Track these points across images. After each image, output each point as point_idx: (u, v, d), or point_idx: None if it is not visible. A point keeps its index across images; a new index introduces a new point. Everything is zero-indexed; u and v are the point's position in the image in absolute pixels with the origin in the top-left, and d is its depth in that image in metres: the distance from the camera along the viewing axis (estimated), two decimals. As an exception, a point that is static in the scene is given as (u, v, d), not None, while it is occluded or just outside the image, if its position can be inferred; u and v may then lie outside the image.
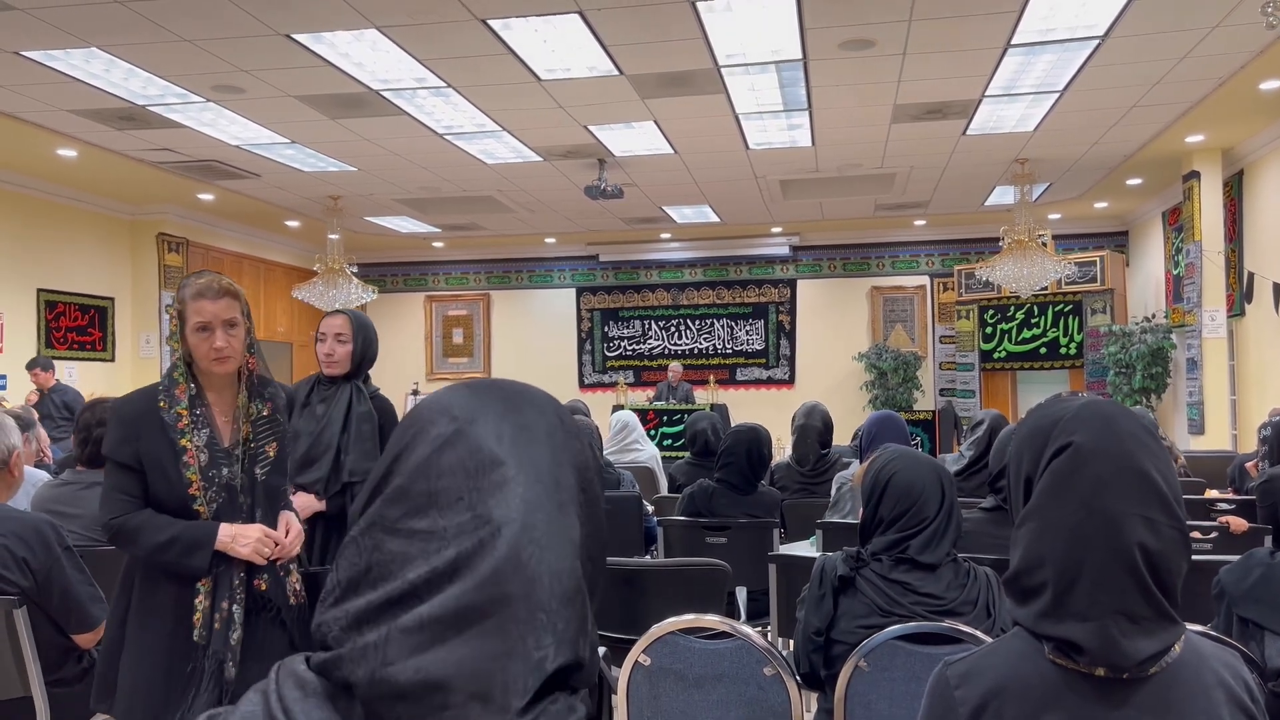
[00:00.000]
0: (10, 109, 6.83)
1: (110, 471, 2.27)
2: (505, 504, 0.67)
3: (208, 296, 2.28)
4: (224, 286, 2.30)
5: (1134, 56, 6.07)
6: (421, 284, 13.81)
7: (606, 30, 5.48)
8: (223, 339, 2.26)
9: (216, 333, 2.26)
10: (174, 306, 2.30)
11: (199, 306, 2.26)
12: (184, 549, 2.19)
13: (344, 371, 3.14)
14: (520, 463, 0.69)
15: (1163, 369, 9.52)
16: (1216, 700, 1.21)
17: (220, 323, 2.26)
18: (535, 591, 0.65)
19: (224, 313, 2.27)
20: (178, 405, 2.26)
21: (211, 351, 2.26)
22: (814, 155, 8.42)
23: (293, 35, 5.50)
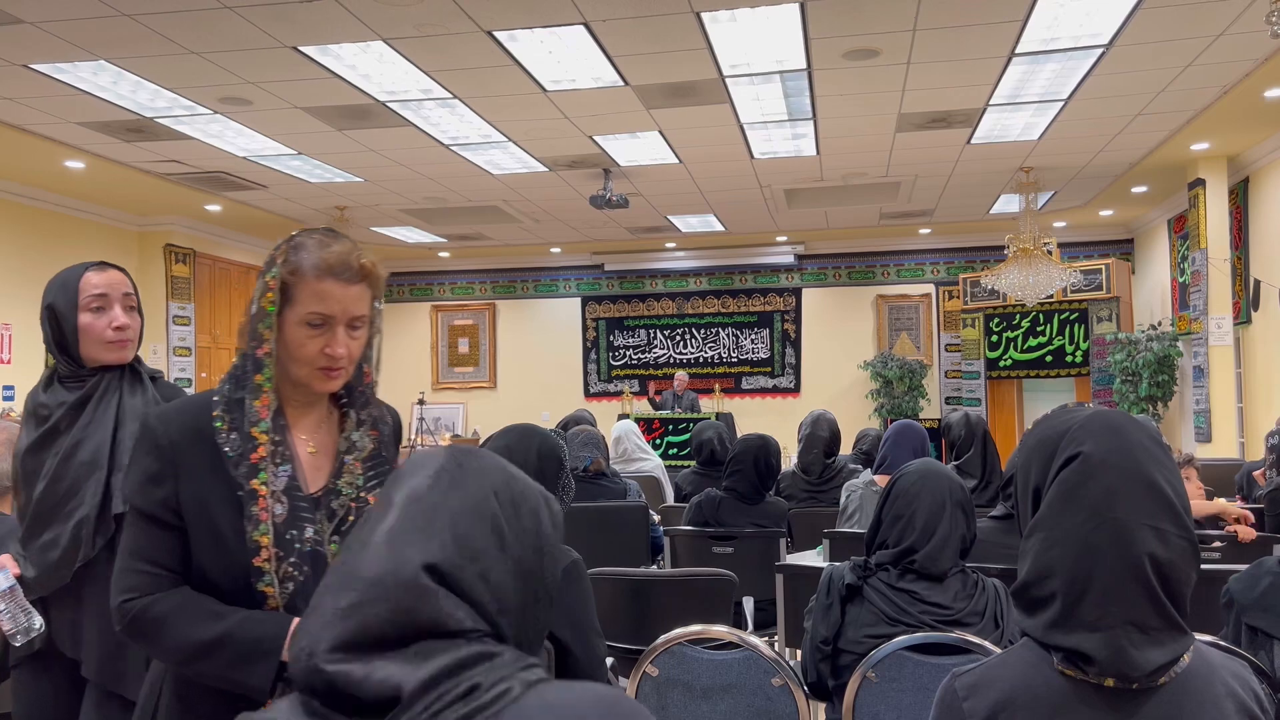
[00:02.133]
0: (19, 121, 6.87)
1: (130, 525, 1.50)
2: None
3: (340, 276, 1.52)
4: (363, 266, 1.55)
5: (1138, 65, 6.07)
6: (427, 294, 13.84)
7: (611, 41, 5.50)
8: (344, 343, 1.53)
9: (339, 332, 1.52)
10: (274, 274, 1.52)
11: (324, 289, 1.51)
12: (237, 656, 1.40)
13: (130, 356, 2.19)
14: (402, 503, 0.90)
15: (1169, 377, 9.50)
16: (1226, 710, 1.21)
17: (347, 319, 1.53)
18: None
19: (355, 305, 1.54)
20: (252, 426, 1.51)
21: (323, 358, 1.52)
22: (819, 164, 8.43)
23: (299, 47, 5.52)
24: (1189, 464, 4.23)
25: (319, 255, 1.53)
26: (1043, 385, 11.01)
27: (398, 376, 13.62)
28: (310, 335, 1.52)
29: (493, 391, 13.45)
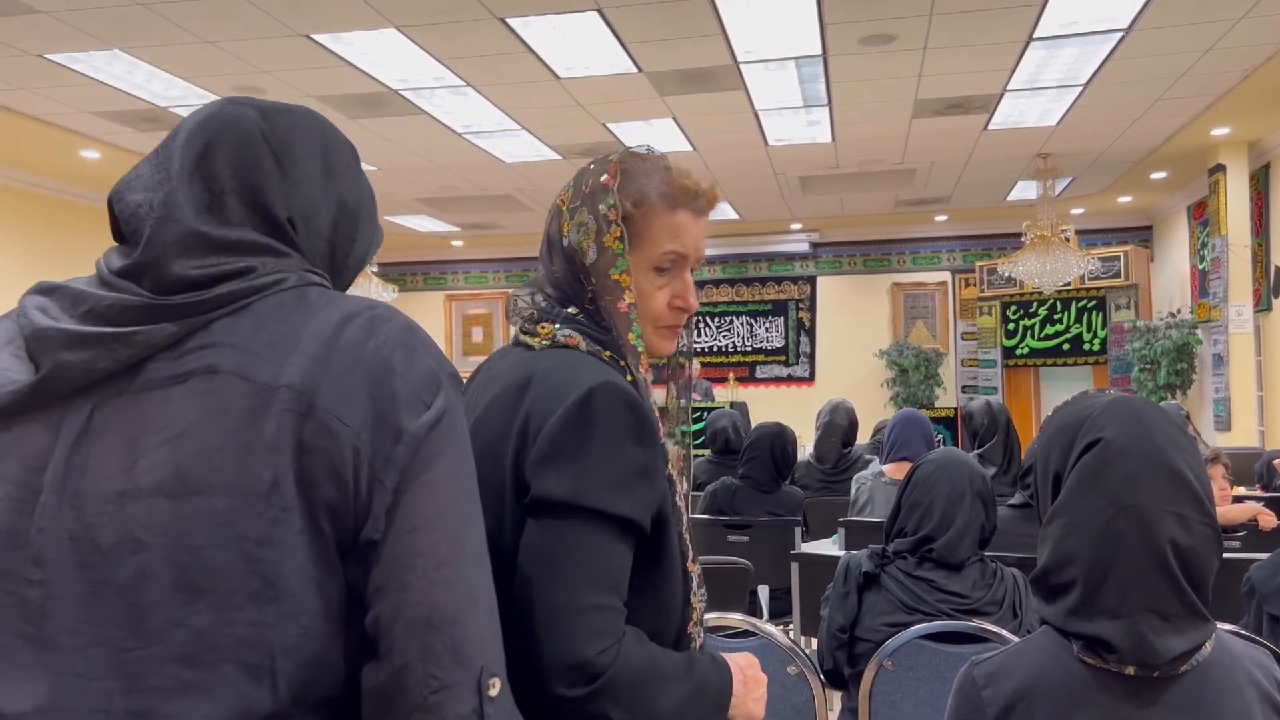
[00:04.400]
0: (34, 111, 6.90)
1: (587, 539, 1.11)
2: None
3: (693, 205, 1.30)
4: (712, 192, 1.35)
5: (1158, 49, 6.00)
6: (441, 283, 13.86)
7: (625, 27, 5.47)
8: (693, 293, 1.32)
9: (688, 277, 1.31)
10: (611, 204, 1.25)
11: (677, 223, 1.28)
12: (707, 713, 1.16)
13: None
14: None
15: (1188, 365, 9.42)
16: (1249, 699, 1.20)
17: (697, 260, 1.32)
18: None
19: (703, 242, 1.33)
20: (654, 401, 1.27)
21: (671, 312, 1.30)
22: (834, 151, 8.38)
23: (312, 35, 5.52)
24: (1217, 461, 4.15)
25: (666, 180, 1.29)
26: (1060, 373, 10.94)
27: (412, 365, 13.65)
28: (658, 283, 1.27)
29: (507, 380, 13.47)
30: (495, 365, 1.34)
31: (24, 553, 0.85)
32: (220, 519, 0.85)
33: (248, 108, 1.02)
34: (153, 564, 0.85)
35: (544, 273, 1.34)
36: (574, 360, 1.21)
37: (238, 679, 0.85)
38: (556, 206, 1.33)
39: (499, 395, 1.22)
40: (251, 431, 0.86)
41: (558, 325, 1.26)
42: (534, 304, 1.33)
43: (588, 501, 1.09)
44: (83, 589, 0.85)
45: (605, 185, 1.28)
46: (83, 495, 0.86)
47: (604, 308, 1.26)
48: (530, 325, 1.30)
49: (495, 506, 1.13)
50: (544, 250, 1.35)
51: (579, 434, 1.12)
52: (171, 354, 0.88)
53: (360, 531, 0.88)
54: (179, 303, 0.90)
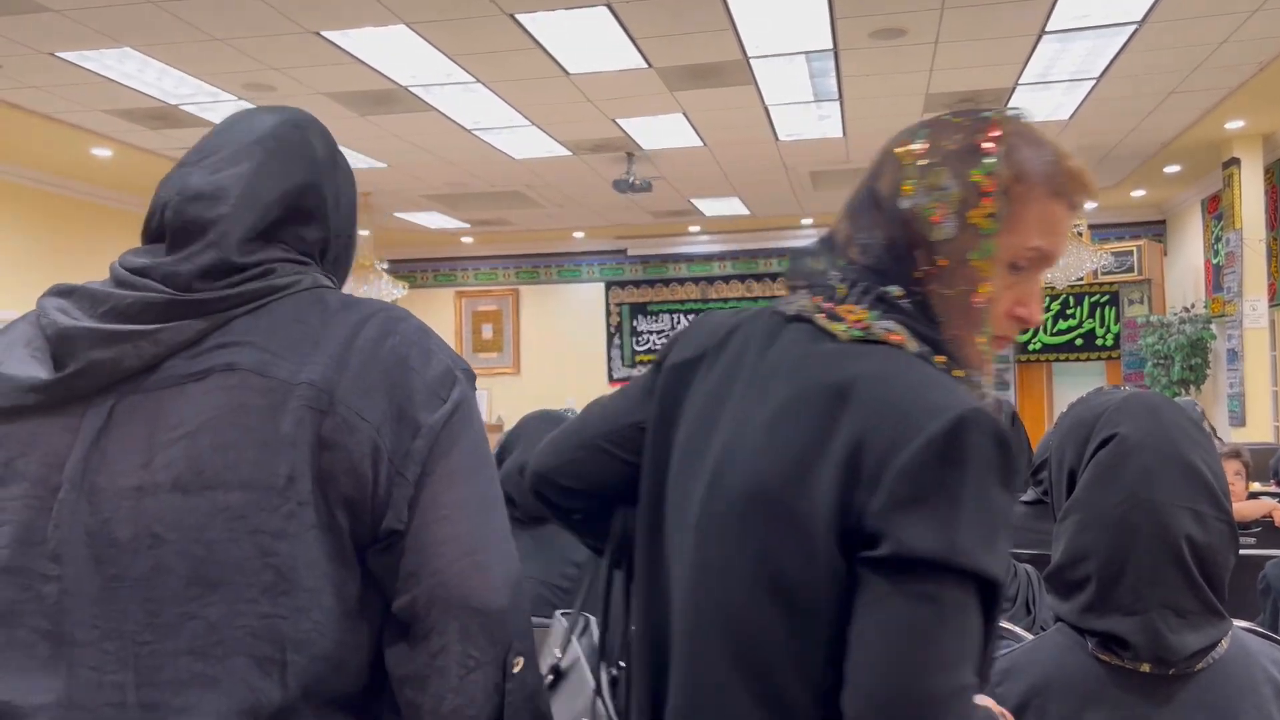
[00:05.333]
0: (45, 110, 6.93)
1: (966, 610, 0.89)
2: None
3: (1074, 198, 1.08)
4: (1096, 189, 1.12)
5: (1172, 42, 5.96)
6: (451, 279, 13.87)
7: (635, 22, 5.46)
8: (1040, 302, 1.07)
9: (1039, 281, 1.07)
10: (989, 168, 1.00)
11: (1053, 214, 1.05)
12: None
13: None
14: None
15: (1202, 360, 9.36)
16: (1265, 696, 1.18)
17: (1052, 264, 1.09)
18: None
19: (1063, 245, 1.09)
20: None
21: (1012, 322, 1.04)
22: (845, 146, 8.36)
23: (322, 32, 5.53)
24: (1233, 457, 4.10)
25: (1055, 158, 1.06)
26: (1072, 369, 10.89)
27: (423, 362, 13.68)
28: (1007, 281, 1.02)
29: (516, 377, 13.48)
30: (758, 339, 1.06)
31: (41, 549, 0.87)
32: (235, 513, 0.86)
33: (314, 134, 1.06)
34: (168, 558, 0.86)
35: (846, 233, 1.08)
36: (912, 369, 0.96)
37: (248, 672, 0.86)
38: (893, 157, 1.09)
39: (795, 397, 0.96)
40: (269, 427, 0.88)
41: (874, 312, 1.00)
42: (835, 272, 1.05)
43: (962, 561, 0.86)
44: (99, 584, 0.86)
45: (983, 147, 1.03)
46: (100, 491, 0.87)
47: (944, 297, 1.01)
48: (827, 302, 1.02)
49: (798, 542, 0.91)
50: (858, 205, 1.10)
51: (949, 476, 0.88)
52: (191, 352, 0.91)
53: (380, 524, 0.90)
54: (202, 299, 0.91)
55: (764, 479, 0.95)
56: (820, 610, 0.91)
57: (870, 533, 0.88)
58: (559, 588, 2.25)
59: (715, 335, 1.11)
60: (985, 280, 1.00)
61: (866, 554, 0.88)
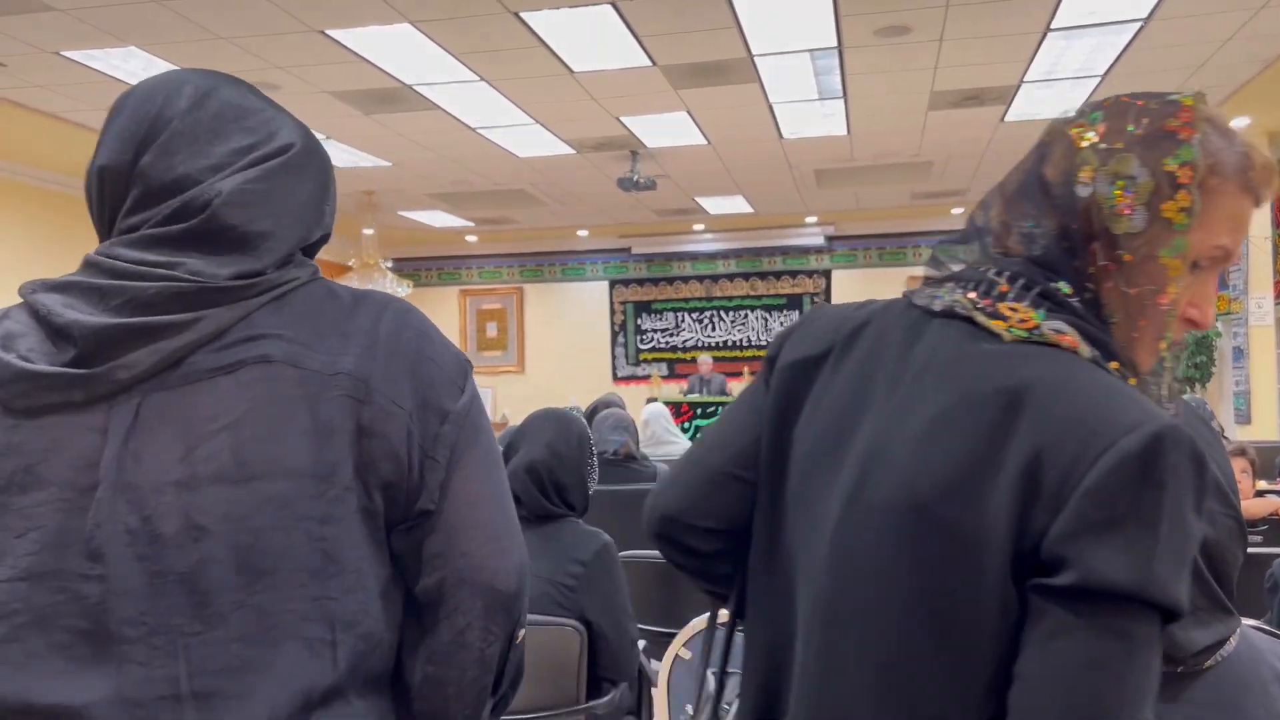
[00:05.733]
0: (51, 109, 6.94)
1: (1154, 645, 0.84)
2: None
3: (1259, 193, 0.98)
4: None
5: (1177, 39, 5.95)
6: (455, 278, 13.88)
7: (639, 20, 5.46)
8: (1214, 305, 1.01)
9: (1214, 284, 1.00)
10: (1187, 157, 0.91)
11: (1242, 211, 0.97)
12: None
13: None
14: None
15: (1207, 358, 9.34)
16: (1273, 694, 1.18)
17: (1230, 265, 1.07)
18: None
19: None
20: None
21: (1178, 324, 0.95)
22: (849, 144, 8.35)
23: (327, 31, 5.53)
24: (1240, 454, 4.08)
25: (1247, 152, 0.96)
26: (1077, 367, 10.86)
27: (427, 360, 13.70)
28: (1186, 281, 0.93)
29: (521, 375, 13.48)
30: (898, 336, 0.98)
31: (77, 550, 0.87)
32: (282, 501, 0.88)
33: (308, 133, 1.08)
34: (215, 549, 0.87)
35: (1002, 221, 0.99)
36: (1093, 376, 0.87)
37: (300, 655, 0.88)
38: (1065, 138, 0.99)
39: (957, 402, 0.88)
40: (310, 417, 0.90)
41: (1039, 311, 0.91)
42: (991, 265, 0.96)
43: (1157, 595, 0.79)
44: (144, 579, 0.87)
45: (1179, 134, 0.93)
46: (137, 488, 0.87)
47: (1123, 296, 0.93)
48: (984, 297, 0.94)
49: (960, 561, 0.84)
50: (1019, 191, 1.00)
51: (1146, 498, 0.80)
52: (216, 345, 0.91)
53: (414, 505, 0.94)
54: (230, 287, 0.92)
55: (920, 489, 0.87)
56: (981, 634, 0.84)
57: (1050, 558, 0.81)
58: (564, 585, 2.25)
59: (839, 331, 1.04)
60: (1173, 280, 0.91)
61: (1044, 581, 0.81)
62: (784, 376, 1.07)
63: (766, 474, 1.06)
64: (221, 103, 1.04)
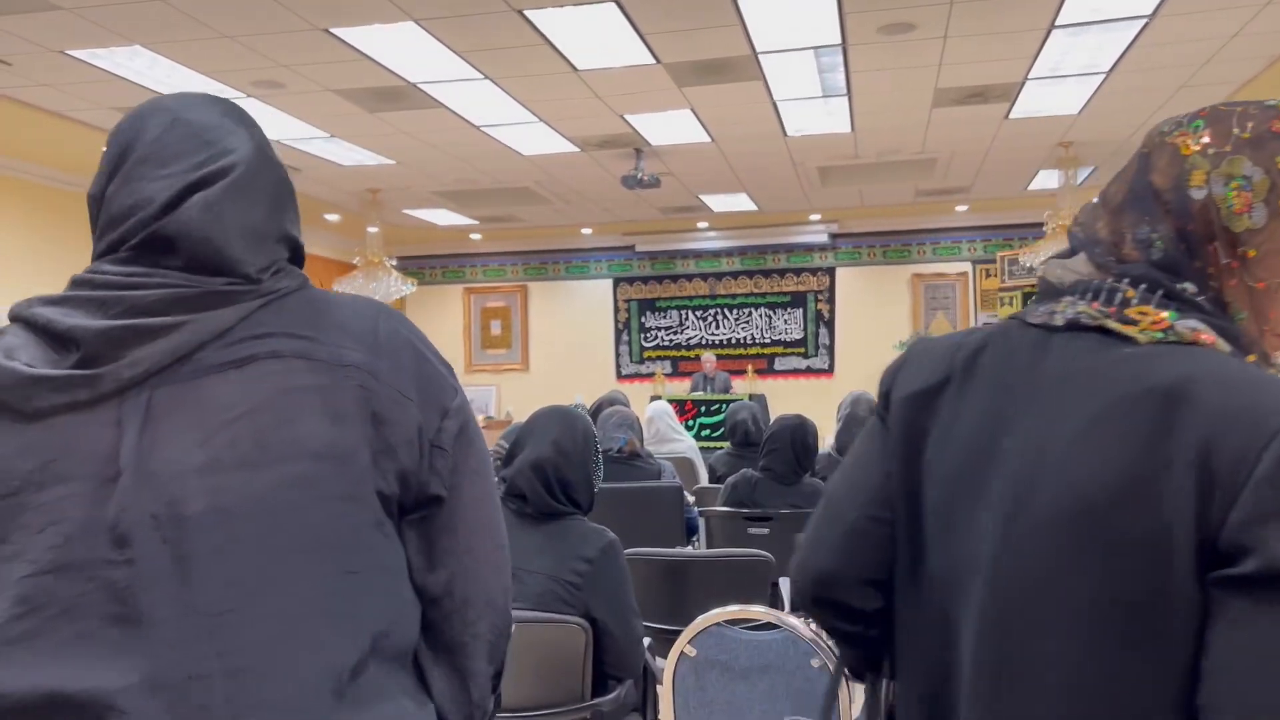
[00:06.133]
0: (56, 107, 6.95)
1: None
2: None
3: None
4: None
5: (1182, 35, 5.93)
6: (460, 276, 13.89)
7: (643, 18, 5.46)
8: None
9: None
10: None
11: None
12: None
13: None
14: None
15: (1212, 355, 9.33)
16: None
17: None
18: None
19: None
20: None
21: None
22: (853, 141, 8.34)
23: (331, 29, 5.53)
24: None
25: None
26: (1081, 364, 10.85)
27: (431, 359, 13.71)
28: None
29: (525, 373, 13.49)
30: (1023, 354, 1.00)
31: (102, 539, 0.88)
32: (306, 481, 0.91)
33: (262, 138, 1.11)
34: (240, 530, 0.89)
35: (1113, 230, 1.02)
36: (1243, 369, 0.91)
37: (328, 630, 0.91)
38: (1168, 146, 1.04)
39: (1110, 405, 0.90)
40: (325, 404, 0.94)
41: (1169, 312, 0.94)
42: (1109, 273, 1.00)
43: None
44: (169, 562, 0.88)
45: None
46: (157, 475, 0.89)
47: (1249, 291, 0.96)
48: (1108, 305, 0.97)
49: (1142, 560, 0.85)
50: (1129, 201, 1.03)
51: None
52: (221, 342, 0.94)
53: (426, 490, 0.99)
54: (230, 289, 0.95)
55: (1089, 495, 0.88)
56: (1172, 633, 0.84)
57: (1230, 548, 0.82)
58: (570, 583, 2.26)
59: (954, 359, 1.06)
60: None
61: (1226, 572, 0.82)
62: (904, 409, 1.07)
63: (902, 509, 1.06)
64: (186, 125, 1.06)
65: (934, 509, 1.02)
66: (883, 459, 1.08)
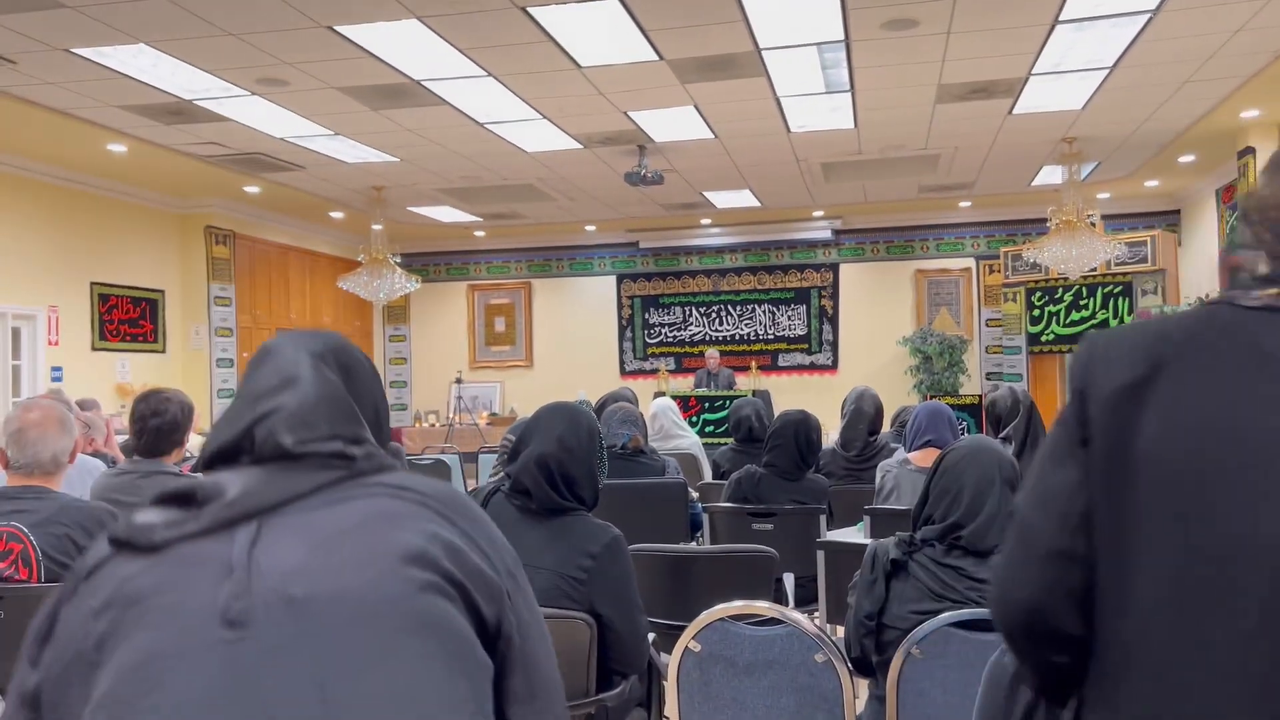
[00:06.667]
0: (62, 106, 6.97)
1: None
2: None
3: None
4: None
5: (1186, 30, 5.92)
6: (464, 273, 13.90)
7: (646, 15, 5.46)
8: None
9: None
10: None
11: None
12: None
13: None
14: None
15: None
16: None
17: None
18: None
19: None
20: None
21: None
22: (856, 137, 8.33)
23: (335, 27, 5.54)
24: None
25: None
26: (1085, 360, 10.83)
27: (435, 356, 13.73)
28: None
29: (529, 370, 13.51)
30: (1243, 338, 1.01)
31: (215, 623, 0.97)
32: (408, 579, 1.01)
33: (317, 362, 1.22)
34: (350, 615, 0.98)
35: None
36: None
37: (437, 710, 0.99)
38: None
39: None
40: (421, 522, 1.06)
41: None
42: None
43: None
44: (282, 639, 0.97)
45: None
46: (269, 569, 0.99)
47: None
48: None
49: None
50: None
51: None
52: (329, 493, 1.08)
53: (499, 632, 1.08)
54: (334, 456, 1.10)
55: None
56: None
57: None
58: (574, 578, 2.26)
59: (1160, 347, 1.05)
60: None
61: None
62: (1110, 405, 1.04)
63: (1107, 517, 1.03)
64: (275, 359, 1.21)
65: (1162, 500, 0.99)
66: (1079, 471, 1.05)
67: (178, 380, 9.74)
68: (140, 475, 3.25)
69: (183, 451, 3.43)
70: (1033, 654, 1.10)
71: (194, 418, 3.46)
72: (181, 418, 3.32)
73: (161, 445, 3.30)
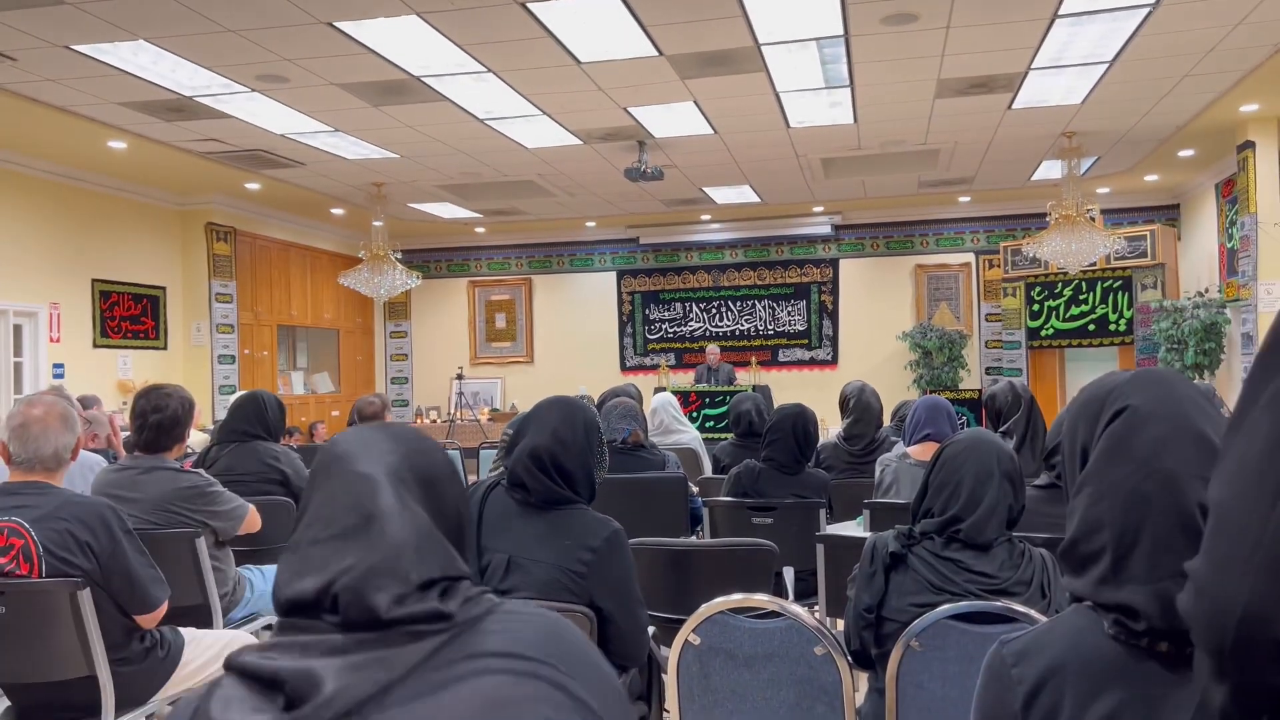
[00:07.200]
0: (62, 103, 6.97)
1: None
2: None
3: None
4: None
5: (1186, 24, 5.92)
6: (464, 269, 13.90)
7: (645, 10, 5.46)
8: None
9: None
10: None
11: None
12: None
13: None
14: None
15: (1216, 345, 9.32)
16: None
17: None
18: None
19: None
20: None
21: None
22: (856, 133, 8.33)
23: (334, 23, 5.54)
24: None
25: None
26: (1085, 354, 10.85)
27: (436, 352, 13.75)
28: None
29: (530, 366, 13.51)
30: None
31: None
32: None
33: (395, 497, 1.15)
34: None
35: None
36: None
37: None
38: None
39: None
40: (532, 703, 1.01)
41: None
42: None
43: None
44: None
45: None
46: None
47: None
48: None
49: None
50: None
51: None
52: (430, 666, 1.00)
53: None
54: (421, 630, 1.02)
55: None
56: None
57: None
58: (574, 572, 2.27)
59: None
60: None
61: None
62: None
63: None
64: (348, 481, 1.13)
65: None
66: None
67: (179, 376, 9.75)
68: (141, 471, 3.27)
69: (184, 447, 3.44)
70: (1250, 676, 0.80)
71: (195, 413, 3.47)
72: (182, 413, 3.33)
73: (162, 441, 3.31)
